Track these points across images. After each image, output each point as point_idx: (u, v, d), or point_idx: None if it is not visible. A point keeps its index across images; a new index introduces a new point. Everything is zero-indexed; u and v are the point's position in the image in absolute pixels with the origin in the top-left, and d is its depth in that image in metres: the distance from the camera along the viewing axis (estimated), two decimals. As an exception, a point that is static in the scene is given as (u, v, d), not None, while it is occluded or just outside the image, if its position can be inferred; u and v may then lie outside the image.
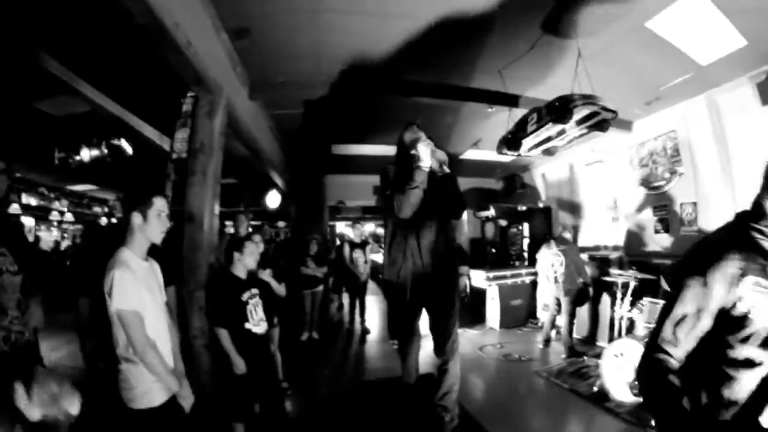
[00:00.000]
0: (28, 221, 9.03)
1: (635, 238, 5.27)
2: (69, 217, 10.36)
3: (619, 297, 3.62)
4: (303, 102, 4.43)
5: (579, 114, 3.13)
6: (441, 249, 2.45)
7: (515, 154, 3.93)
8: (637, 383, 1.18)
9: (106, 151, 4.98)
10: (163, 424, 1.59)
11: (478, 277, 6.14)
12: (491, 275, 6.03)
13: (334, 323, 6.60)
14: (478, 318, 6.21)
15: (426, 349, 2.85)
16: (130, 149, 5.05)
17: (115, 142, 4.94)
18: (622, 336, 3.74)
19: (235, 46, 3.30)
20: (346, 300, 6.52)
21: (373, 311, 6.83)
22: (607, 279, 4.46)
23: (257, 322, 2.53)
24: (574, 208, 6.54)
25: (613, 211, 5.49)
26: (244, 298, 2.50)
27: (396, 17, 2.98)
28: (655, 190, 4.96)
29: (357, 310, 5.87)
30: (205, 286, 2.86)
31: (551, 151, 3.89)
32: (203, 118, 3.08)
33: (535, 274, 5.44)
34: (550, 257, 4.62)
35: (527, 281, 6.16)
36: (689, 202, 4.58)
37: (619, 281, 3.62)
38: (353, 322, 5.91)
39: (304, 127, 5.32)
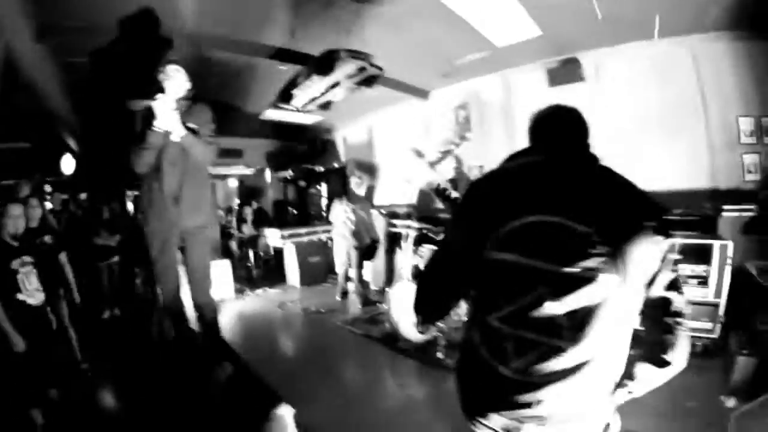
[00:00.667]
0: None
1: (426, 197, 5.79)
2: None
3: (404, 246, 3.92)
4: (92, 51, 3.60)
5: (344, 69, 3.25)
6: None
7: (291, 108, 4.06)
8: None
9: None
10: None
11: (274, 236, 5.99)
12: (286, 233, 5.91)
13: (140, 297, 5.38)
14: (281, 278, 6.11)
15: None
16: None
17: None
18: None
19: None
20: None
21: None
22: (396, 231, 4.79)
23: (31, 292, 2.43)
24: (371, 170, 6.85)
25: (407, 172, 6.00)
26: (13, 266, 2.38)
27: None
28: (446, 153, 5.55)
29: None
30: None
31: (327, 106, 4.00)
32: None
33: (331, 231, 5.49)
34: (342, 214, 4.68)
35: (324, 238, 6.22)
36: (477, 165, 5.27)
37: (404, 232, 3.92)
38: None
39: (94, 80, 4.25)
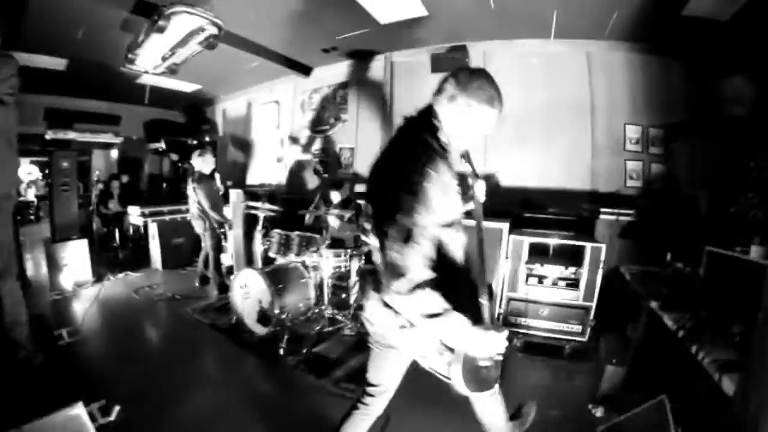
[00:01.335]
0: None
1: (296, 178, 5.65)
2: None
3: (258, 229, 3.72)
4: None
5: (181, 24, 3.13)
6: None
7: (139, 70, 3.83)
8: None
9: None
10: None
11: (134, 214, 5.43)
12: (147, 211, 5.37)
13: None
14: (146, 260, 5.60)
15: None
16: None
17: None
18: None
19: None
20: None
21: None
22: (253, 213, 4.52)
23: None
24: (245, 146, 6.55)
25: (280, 150, 5.75)
26: None
27: None
28: (320, 133, 5.41)
29: None
30: None
31: (172, 69, 3.81)
32: None
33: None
34: (191, 193, 4.32)
35: (188, 218, 5.75)
36: (348, 147, 5.17)
37: (260, 214, 3.70)
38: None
39: None
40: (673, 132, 3.75)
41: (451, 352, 1.25)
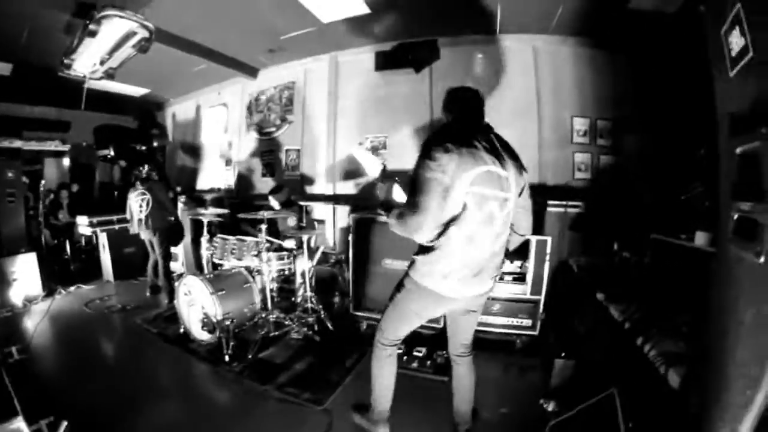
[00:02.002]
0: None
1: (245, 181, 5.62)
2: None
3: (205, 234, 3.68)
4: None
5: (112, 28, 3.12)
6: None
7: (77, 75, 3.73)
8: None
9: None
10: None
11: (83, 224, 5.25)
12: (95, 221, 5.22)
13: None
14: (98, 271, 5.44)
15: None
16: None
17: None
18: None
19: None
20: None
21: None
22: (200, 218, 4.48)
23: None
24: (194, 150, 6.45)
25: (228, 154, 5.69)
26: None
27: None
28: (266, 135, 5.38)
29: None
30: None
31: (109, 73, 3.75)
32: None
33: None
34: (137, 199, 4.29)
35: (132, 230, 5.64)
36: (294, 148, 5.15)
37: (204, 220, 3.67)
38: None
39: None
40: (621, 124, 3.78)
41: None
